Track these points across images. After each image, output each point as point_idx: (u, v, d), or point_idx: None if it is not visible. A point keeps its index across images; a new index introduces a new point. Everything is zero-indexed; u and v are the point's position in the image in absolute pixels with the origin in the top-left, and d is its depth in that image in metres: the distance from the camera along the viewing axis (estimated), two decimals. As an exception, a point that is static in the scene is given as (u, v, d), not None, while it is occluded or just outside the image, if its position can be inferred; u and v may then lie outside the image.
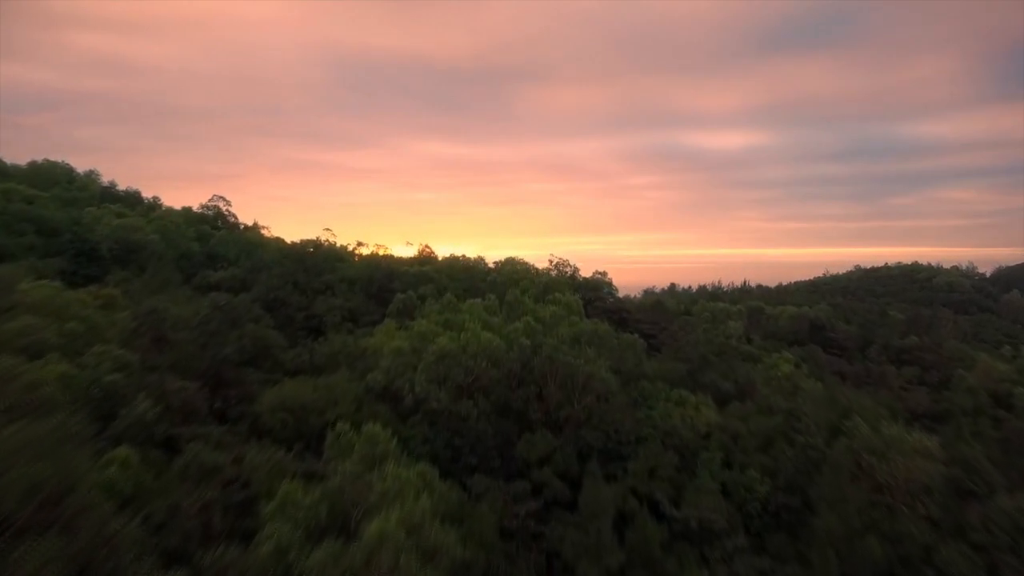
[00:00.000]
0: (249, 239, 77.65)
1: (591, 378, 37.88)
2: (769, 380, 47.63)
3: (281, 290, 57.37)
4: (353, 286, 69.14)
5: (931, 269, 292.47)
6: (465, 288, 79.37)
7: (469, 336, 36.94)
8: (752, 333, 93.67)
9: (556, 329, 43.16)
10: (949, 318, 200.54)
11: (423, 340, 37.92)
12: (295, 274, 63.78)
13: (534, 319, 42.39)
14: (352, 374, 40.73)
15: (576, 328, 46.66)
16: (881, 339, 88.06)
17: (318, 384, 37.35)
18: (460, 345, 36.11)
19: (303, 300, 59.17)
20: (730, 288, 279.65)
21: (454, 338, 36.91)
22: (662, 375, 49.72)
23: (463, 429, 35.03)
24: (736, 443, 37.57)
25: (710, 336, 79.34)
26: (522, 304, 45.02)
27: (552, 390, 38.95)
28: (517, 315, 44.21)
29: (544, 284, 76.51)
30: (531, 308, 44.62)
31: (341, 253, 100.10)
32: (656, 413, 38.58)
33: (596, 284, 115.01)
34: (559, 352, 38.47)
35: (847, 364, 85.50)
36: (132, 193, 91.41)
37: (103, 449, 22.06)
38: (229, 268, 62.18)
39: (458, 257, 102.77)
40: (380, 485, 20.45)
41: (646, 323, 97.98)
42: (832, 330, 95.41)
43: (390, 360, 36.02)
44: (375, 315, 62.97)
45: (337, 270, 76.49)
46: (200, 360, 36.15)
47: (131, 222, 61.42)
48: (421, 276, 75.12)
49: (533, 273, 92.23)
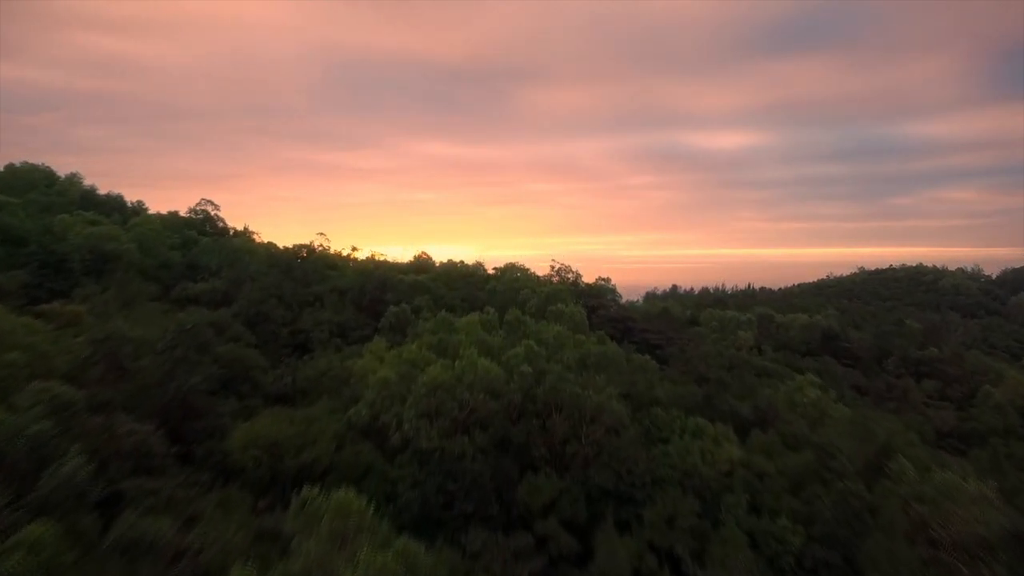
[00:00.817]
0: (236, 246, 73.65)
1: (600, 409, 33.89)
2: (793, 405, 43.64)
3: (264, 304, 53.38)
4: (344, 297, 65.16)
5: (937, 271, 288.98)
6: (463, 298, 75.46)
7: (464, 364, 32.94)
8: (763, 343, 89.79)
9: (561, 352, 39.18)
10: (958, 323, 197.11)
11: (413, 368, 33.92)
12: (281, 285, 59.79)
13: (536, 342, 38.40)
14: (335, 403, 36.75)
15: (582, 349, 42.75)
16: (899, 350, 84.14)
17: (296, 417, 33.35)
18: (454, 375, 32.11)
19: (288, 314, 55.18)
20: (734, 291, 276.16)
21: (447, 366, 32.92)
22: (676, 399, 45.77)
23: (457, 470, 31.03)
24: (763, 483, 33.58)
25: (721, 349, 75.38)
26: (523, 324, 41.03)
27: (557, 422, 34.96)
28: (518, 336, 40.23)
29: (546, 294, 72.49)
30: (533, 329, 40.62)
31: (334, 259, 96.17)
32: (673, 448, 34.54)
33: (599, 290, 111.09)
34: (565, 381, 34.49)
35: (863, 376, 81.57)
36: (114, 198, 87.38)
37: (15, 525, 18.14)
38: (210, 279, 58.16)
39: (456, 263, 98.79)
40: (350, 575, 16.49)
41: (652, 332, 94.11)
42: (846, 339, 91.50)
43: (375, 393, 32.01)
44: (366, 329, 59.02)
45: (327, 279, 72.54)
46: (162, 393, 32.12)
47: (105, 230, 57.43)
48: (416, 286, 71.13)
49: (534, 282, 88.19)
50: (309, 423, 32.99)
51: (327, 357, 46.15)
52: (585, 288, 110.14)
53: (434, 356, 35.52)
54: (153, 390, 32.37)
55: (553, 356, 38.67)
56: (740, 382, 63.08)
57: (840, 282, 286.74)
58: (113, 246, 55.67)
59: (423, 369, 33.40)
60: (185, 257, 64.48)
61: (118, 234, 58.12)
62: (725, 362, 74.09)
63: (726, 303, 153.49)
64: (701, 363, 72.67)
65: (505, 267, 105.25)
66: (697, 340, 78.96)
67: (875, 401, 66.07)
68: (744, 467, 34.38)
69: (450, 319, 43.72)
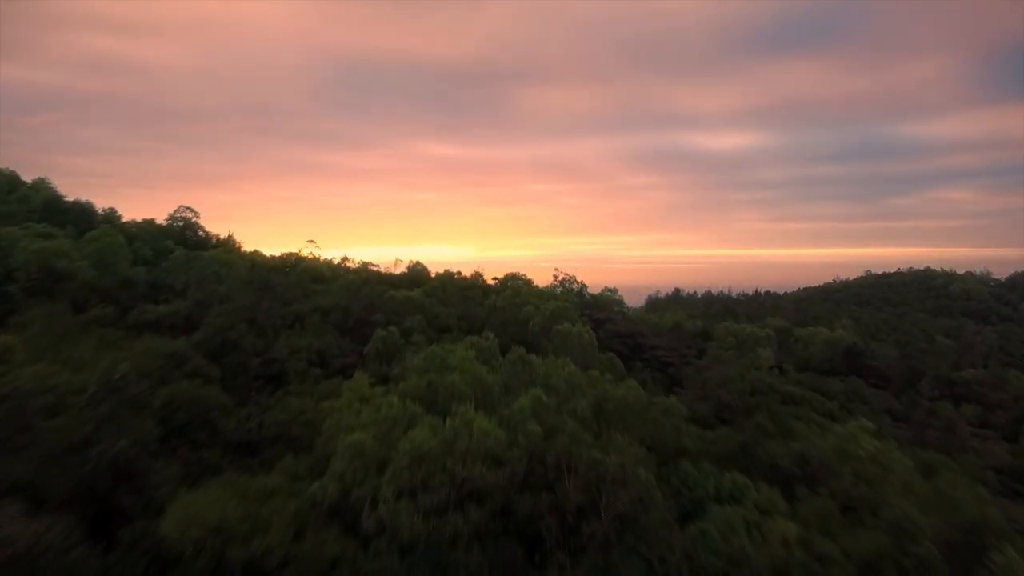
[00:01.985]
0: (212, 259, 67.19)
1: (623, 476, 27.46)
2: (843, 454, 37.22)
3: (233, 330, 46.92)
4: (327, 318, 58.74)
5: (946, 275, 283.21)
6: (459, 316, 69.11)
7: (457, 424, 26.53)
8: (783, 361, 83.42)
9: (573, 399, 32.76)
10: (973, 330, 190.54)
11: (394, 427, 27.51)
12: (256, 306, 53.34)
13: (545, 387, 31.99)
14: (301, 466, 30.32)
15: (597, 389, 36.35)
16: (932, 369, 77.81)
17: (249, 490, 26.87)
18: (444, 440, 25.70)
19: (260, 341, 48.72)
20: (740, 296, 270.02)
21: (436, 427, 26.50)
22: (706, 445, 39.36)
23: (447, 562, 24.61)
24: (827, 572, 27.08)
25: (741, 371, 68.96)
26: (528, 365, 34.57)
27: (570, 491, 28.53)
28: (522, 379, 33.78)
29: (550, 312, 66.14)
30: (540, 371, 34.16)
31: (323, 270, 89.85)
32: (713, 525, 28.07)
33: (605, 302, 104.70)
34: (580, 442, 28.08)
35: (894, 399, 75.21)
36: (82, 205, 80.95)
37: None
38: (174, 301, 51.72)
39: (452, 275, 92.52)
40: None
41: (664, 350, 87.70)
42: (872, 357, 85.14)
43: (345, 462, 25.57)
44: (350, 356, 52.64)
45: (311, 296, 66.15)
46: (78, 465, 25.71)
47: (55, 245, 51.03)
48: (408, 304, 64.75)
49: (536, 295, 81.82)
50: (265, 497, 26.54)
51: (300, 399, 39.73)
52: (590, 300, 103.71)
53: (420, 410, 29.07)
54: (68, 459, 25.96)
55: (564, 404, 32.23)
56: (771, 417, 56.76)
57: (847, 286, 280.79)
58: (64, 263, 49.26)
59: (406, 430, 26.95)
60: (150, 274, 58.08)
61: (69, 250, 51.72)
62: (747, 386, 67.81)
63: (735, 312, 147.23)
64: (721, 388, 66.36)
65: (505, 278, 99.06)
66: (714, 360, 72.57)
67: (915, 431, 59.63)
68: (802, 547, 27.90)
69: (442, 355, 37.26)
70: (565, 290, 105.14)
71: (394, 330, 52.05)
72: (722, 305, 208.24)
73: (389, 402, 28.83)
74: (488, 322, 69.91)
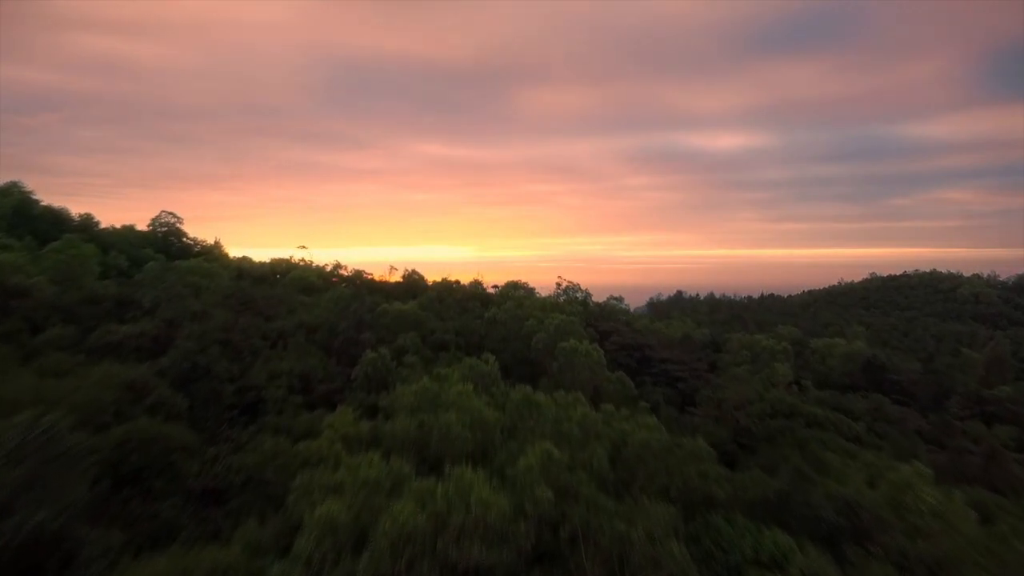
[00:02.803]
0: (191, 270, 62.35)
1: (654, 554, 22.70)
2: (896, 505, 32.48)
3: (204, 354, 42.14)
4: (313, 336, 53.93)
5: (953, 277, 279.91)
6: (457, 331, 64.36)
7: (451, 490, 21.77)
8: (801, 376, 78.69)
9: (587, 447, 28.03)
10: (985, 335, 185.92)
11: (375, 493, 22.74)
12: (233, 325, 48.53)
13: (554, 437, 27.25)
14: (265, 533, 25.51)
15: (615, 430, 31.65)
16: (959, 385, 73.18)
17: (196, 571, 22.06)
18: (434, 514, 20.93)
19: (236, 366, 43.88)
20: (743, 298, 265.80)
21: (427, 492, 21.73)
22: (738, 492, 34.58)
23: (439, 668, 19.83)
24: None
25: (760, 390, 64.28)
26: (536, 409, 29.77)
27: (587, 565, 23.80)
28: (528, 424, 29.03)
29: (555, 327, 61.42)
30: (549, 413, 29.35)
31: (313, 278, 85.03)
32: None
33: (611, 312, 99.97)
34: (600, 510, 23.32)
35: (921, 419, 70.47)
36: (55, 212, 76.02)
37: None
38: (142, 319, 46.92)
39: (451, 283, 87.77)
40: None
41: (673, 363, 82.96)
42: (894, 371, 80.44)
43: (313, 543, 20.78)
44: (336, 381, 47.78)
45: (296, 311, 61.29)
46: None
47: (9, 259, 46.20)
48: (402, 319, 59.96)
49: (539, 306, 77.03)
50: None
51: (275, 438, 34.96)
52: (595, 309, 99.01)
53: (408, 467, 24.32)
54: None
55: (578, 454, 27.48)
56: (797, 445, 52.12)
57: (853, 289, 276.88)
58: (18, 280, 44.44)
59: (389, 495, 22.20)
60: (120, 289, 53.24)
61: (25, 263, 46.91)
62: (766, 407, 63.16)
63: (744, 319, 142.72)
64: (739, 411, 61.69)
65: (506, 286, 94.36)
66: (731, 378, 67.85)
67: (952, 459, 54.91)
68: (865, 636, 23.16)
69: (436, 390, 32.53)
70: (569, 298, 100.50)
71: (385, 352, 47.26)
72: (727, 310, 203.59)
73: (370, 460, 24.04)
74: (488, 337, 65.24)
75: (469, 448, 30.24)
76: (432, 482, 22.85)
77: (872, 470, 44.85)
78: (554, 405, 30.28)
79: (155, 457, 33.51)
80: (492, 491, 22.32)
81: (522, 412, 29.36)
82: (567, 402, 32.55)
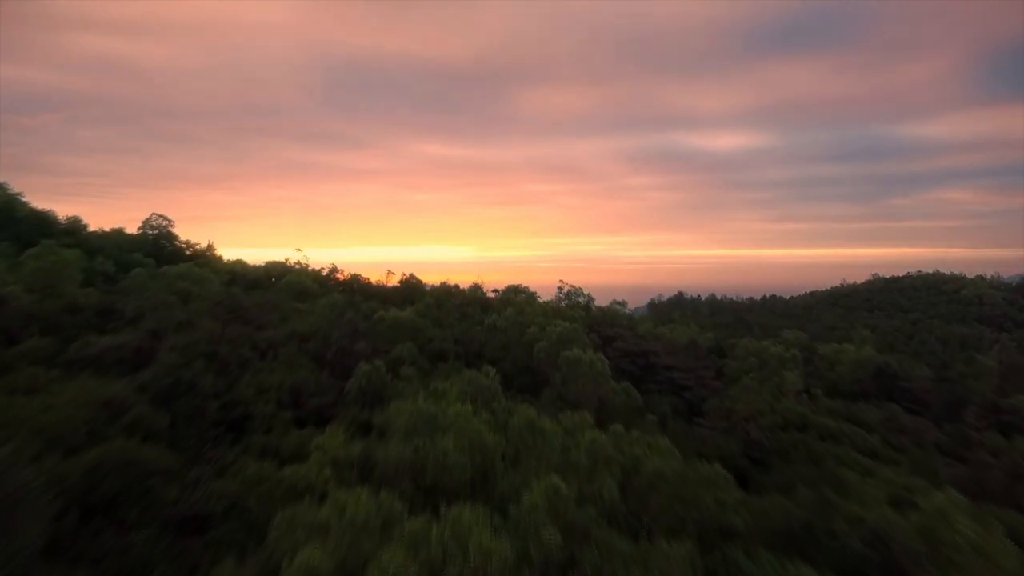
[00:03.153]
0: (181, 275, 59.97)
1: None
2: (929, 536, 30.19)
3: (188, 368, 39.82)
4: (305, 346, 51.60)
5: (957, 279, 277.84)
6: (456, 339, 62.04)
7: (447, 532, 19.46)
8: (810, 383, 76.45)
9: (596, 477, 25.73)
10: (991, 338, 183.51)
11: (362, 536, 20.41)
12: (220, 335, 46.21)
13: (561, 467, 24.96)
14: (242, 573, 23.20)
15: (626, 456, 29.34)
16: (974, 394, 71.00)
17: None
18: (427, 561, 18.63)
19: (222, 380, 41.56)
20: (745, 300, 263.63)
21: (419, 541, 19.41)
22: (756, 519, 32.30)
23: None
24: None
25: (771, 401, 61.99)
26: (541, 437, 27.42)
27: (599, 613, 21.47)
28: (532, 453, 26.69)
29: (557, 336, 59.13)
30: (556, 442, 27.01)
31: (308, 283, 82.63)
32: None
33: (614, 317, 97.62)
34: (614, 553, 21.02)
35: (936, 430, 68.17)
36: (40, 214, 73.52)
37: None
38: (124, 330, 44.59)
39: (450, 288, 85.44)
40: None
41: (679, 370, 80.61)
42: (906, 379, 78.18)
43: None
44: (328, 395, 45.46)
45: (289, 319, 58.97)
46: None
47: (-17, 267, 44.01)
48: (399, 327, 57.63)
49: (541, 312, 74.71)
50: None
51: (259, 464, 32.65)
52: (598, 314, 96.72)
53: (400, 505, 21.99)
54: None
55: (586, 485, 25.19)
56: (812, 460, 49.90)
57: (856, 291, 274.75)
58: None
59: (378, 542, 19.89)
60: (104, 297, 50.87)
61: (1, 271, 44.60)
62: (778, 419, 60.84)
63: (748, 322, 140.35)
64: (750, 423, 59.36)
65: (506, 290, 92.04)
66: (741, 388, 65.50)
67: (973, 474, 52.53)
68: None
69: (432, 409, 30.24)
70: (571, 302, 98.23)
71: (380, 364, 44.95)
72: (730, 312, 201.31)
73: (357, 499, 21.69)
74: (488, 345, 62.96)
75: (467, 476, 28.00)
76: (426, 522, 20.56)
77: (891, 488, 42.43)
78: (560, 431, 27.96)
79: (130, 483, 31.11)
80: (493, 534, 20.02)
81: (525, 439, 27.03)
82: (573, 424, 30.26)
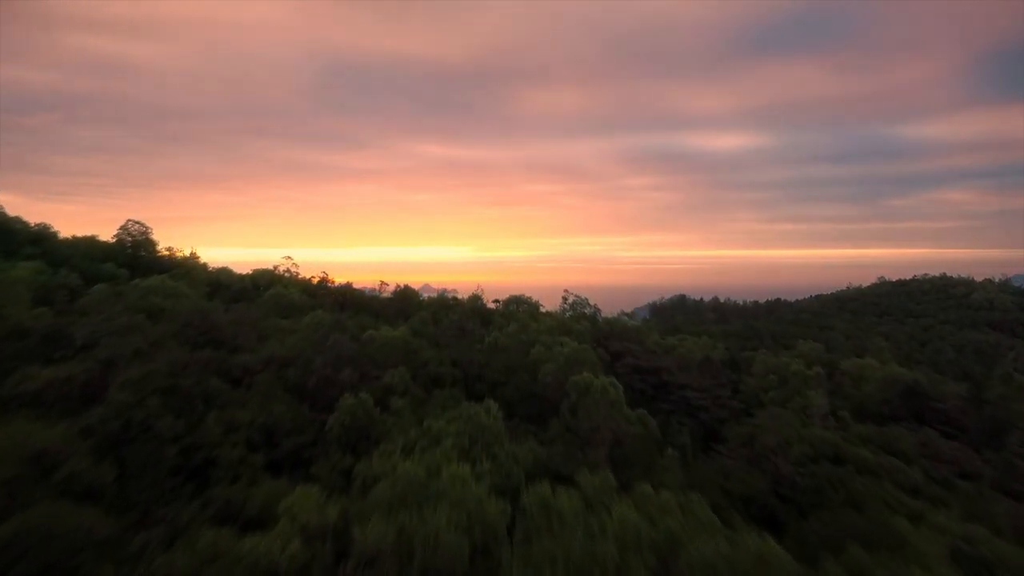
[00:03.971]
0: (151, 289, 54.37)
1: None
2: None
3: (142, 407, 34.27)
4: (283, 373, 46.05)
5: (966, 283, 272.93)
6: (454, 361, 56.49)
7: None
8: (836, 405, 71.07)
9: (626, 570, 20.24)
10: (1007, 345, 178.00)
11: None
12: (185, 366, 40.64)
13: (584, 558, 19.47)
14: None
15: (660, 532, 23.86)
16: (1017, 416, 65.65)
17: None
18: None
19: (182, 422, 35.97)
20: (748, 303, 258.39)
21: None
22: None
23: None
24: None
25: (798, 428, 56.48)
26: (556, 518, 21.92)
27: None
28: (544, 535, 21.18)
29: (566, 358, 53.64)
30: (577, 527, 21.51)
31: (294, 296, 76.97)
32: None
33: (622, 329, 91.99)
34: None
35: (976, 457, 62.73)
36: (7, 222, 68.01)
37: None
38: (73, 358, 39.07)
39: (448, 300, 79.91)
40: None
41: (693, 390, 74.99)
42: (938, 399, 72.79)
43: None
44: (307, 433, 39.93)
45: (268, 339, 53.37)
46: None
47: (-88, 288, 38.43)
48: (390, 348, 52.09)
49: (546, 327, 69.19)
50: None
51: (217, 533, 27.02)
52: (605, 327, 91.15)
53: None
54: None
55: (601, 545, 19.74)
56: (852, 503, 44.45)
57: (862, 294, 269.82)
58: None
59: None
60: (56, 319, 45.30)
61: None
62: (807, 449, 55.28)
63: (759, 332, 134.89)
64: (778, 456, 53.78)
65: (508, 301, 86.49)
66: (764, 414, 60.04)
67: None
68: None
69: (420, 474, 24.76)
70: (576, 314, 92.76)
71: (366, 397, 39.47)
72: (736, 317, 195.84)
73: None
74: (489, 367, 57.42)
75: (465, 553, 22.54)
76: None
77: (948, 537, 36.69)
78: (580, 506, 22.44)
79: (55, 560, 25.62)
80: None
81: (538, 520, 21.50)
82: (594, 490, 24.72)
